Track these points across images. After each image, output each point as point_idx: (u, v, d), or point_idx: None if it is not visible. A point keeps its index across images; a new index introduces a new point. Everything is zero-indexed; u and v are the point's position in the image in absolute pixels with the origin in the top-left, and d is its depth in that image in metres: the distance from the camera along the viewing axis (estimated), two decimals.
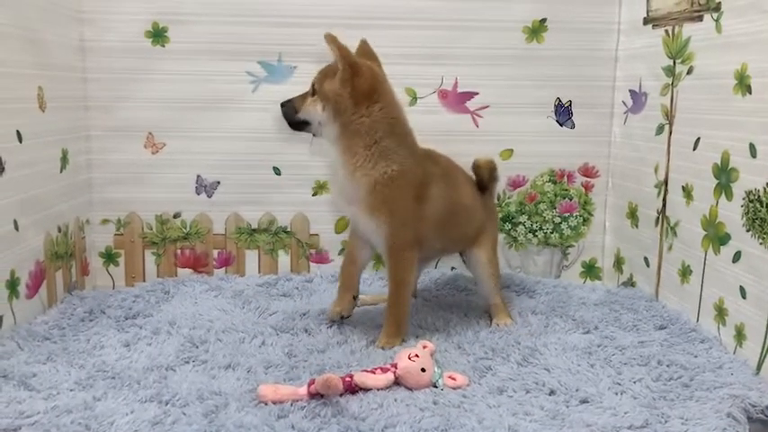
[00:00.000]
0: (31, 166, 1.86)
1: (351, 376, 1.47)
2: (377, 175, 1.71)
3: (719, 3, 1.75)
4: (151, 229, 2.32)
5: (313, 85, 1.78)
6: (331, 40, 1.70)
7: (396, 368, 1.52)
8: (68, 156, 2.09)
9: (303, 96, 1.80)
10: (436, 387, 1.51)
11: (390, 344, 1.74)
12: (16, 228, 1.78)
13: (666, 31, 2.01)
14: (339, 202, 1.85)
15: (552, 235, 2.42)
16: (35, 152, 1.88)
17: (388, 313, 1.79)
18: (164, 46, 2.22)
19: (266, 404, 1.40)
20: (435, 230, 1.81)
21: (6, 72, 1.74)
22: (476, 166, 2.01)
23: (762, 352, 1.58)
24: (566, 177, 2.39)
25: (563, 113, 2.35)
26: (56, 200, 2.01)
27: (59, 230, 2.03)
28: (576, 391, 1.48)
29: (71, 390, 1.45)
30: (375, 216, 1.73)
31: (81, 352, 1.66)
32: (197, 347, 1.70)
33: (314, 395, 1.42)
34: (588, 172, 2.39)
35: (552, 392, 1.48)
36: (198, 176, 2.31)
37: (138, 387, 1.47)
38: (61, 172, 2.05)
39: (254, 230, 2.35)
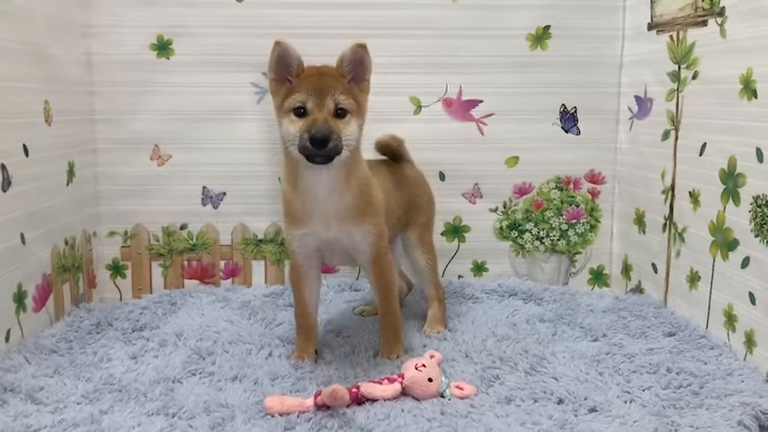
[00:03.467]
0: (37, 179, 1.87)
1: (357, 387, 1.46)
2: (361, 178, 1.67)
3: (723, 8, 1.74)
4: (158, 241, 2.33)
5: (327, 101, 1.55)
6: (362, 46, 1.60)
7: (403, 378, 1.51)
8: (75, 169, 2.10)
9: (324, 119, 1.54)
10: (443, 397, 1.50)
11: (395, 353, 1.73)
12: (23, 241, 1.79)
13: (671, 37, 2.00)
14: (320, 228, 1.65)
15: (559, 242, 2.41)
16: (42, 166, 1.89)
17: (384, 322, 1.76)
18: (169, 58, 2.23)
19: (273, 416, 1.39)
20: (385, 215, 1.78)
21: (13, 86, 1.76)
22: (381, 145, 2.02)
23: None
24: (572, 184, 2.38)
25: (568, 120, 2.35)
26: (62, 213, 2.02)
27: (66, 243, 2.04)
28: (585, 399, 1.46)
29: (78, 403, 1.45)
30: (364, 221, 1.67)
31: (88, 365, 1.66)
32: (204, 359, 1.70)
33: (320, 406, 1.41)
34: (594, 178, 2.38)
35: (561, 401, 1.47)
36: (204, 188, 2.32)
37: (144, 400, 1.47)
38: (68, 185, 2.06)
39: (260, 241, 2.36)
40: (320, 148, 1.52)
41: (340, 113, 1.58)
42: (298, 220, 1.67)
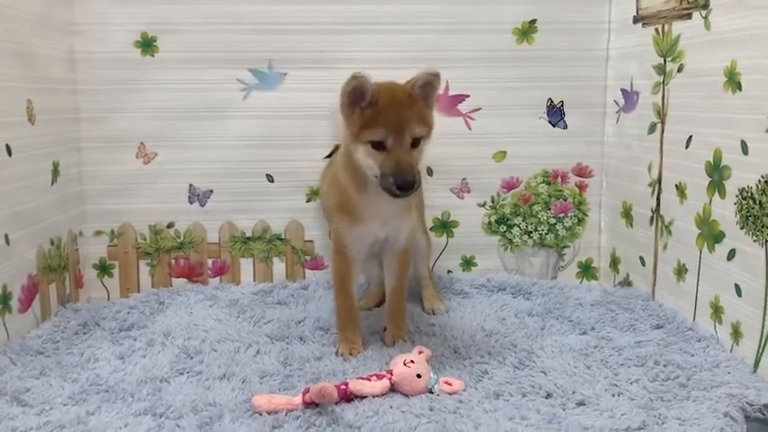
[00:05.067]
0: (21, 179, 1.85)
1: (346, 384, 1.46)
2: None
3: (708, 0, 1.74)
4: (145, 240, 2.31)
5: (399, 136, 1.57)
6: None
7: (391, 375, 1.51)
8: (60, 168, 2.08)
9: (407, 160, 1.57)
10: (432, 393, 1.50)
11: (403, 336, 1.81)
12: (7, 242, 1.77)
13: (656, 30, 2.01)
14: (378, 226, 1.72)
15: (547, 236, 2.41)
16: (25, 165, 1.87)
17: (397, 307, 1.83)
18: (153, 56, 2.21)
19: (261, 414, 1.39)
20: None
21: None
22: None
23: (758, 350, 1.57)
24: (559, 178, 2.38)
25: (555, 114, 2.35)
26: (48, 213, 2.00)
27: (52, 243, 2.02)
28: (573, 393, 1.47)
29: (64, 404, 1.44)
30: (408, 214, 1.78)
31: (75, 365, 1.65)
32: (191, 358, 1.70)
33: (309, 404, 1.41)
34: (582, 172, 2.39)
35: (549, 395, 1.47)
36: (190, 185, 2.30)
37: (131, 400, 1.46)
38: (52, 184, 2.04)
39: (248, 238, 2.35)
40: (407, 193, 1.57)
41: (414, 142, 1.60)
42: (359, 218, 1.72)
